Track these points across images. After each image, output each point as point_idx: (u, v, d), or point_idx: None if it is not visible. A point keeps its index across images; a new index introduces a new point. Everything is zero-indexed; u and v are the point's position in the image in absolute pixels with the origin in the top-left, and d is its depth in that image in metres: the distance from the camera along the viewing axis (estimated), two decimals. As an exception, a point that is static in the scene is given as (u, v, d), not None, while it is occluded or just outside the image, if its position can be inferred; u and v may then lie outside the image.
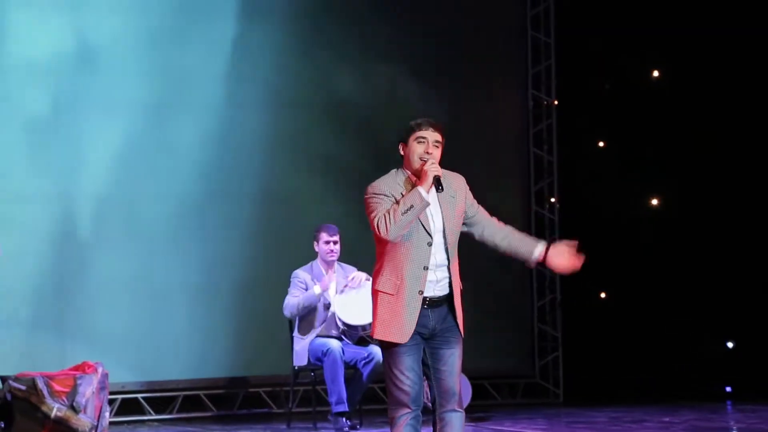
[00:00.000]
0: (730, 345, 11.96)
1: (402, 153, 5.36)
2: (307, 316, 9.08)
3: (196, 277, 10.24)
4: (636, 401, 10.87)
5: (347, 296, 8.95)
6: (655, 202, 11.97)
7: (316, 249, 9.19)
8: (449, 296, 5.30)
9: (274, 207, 10.55)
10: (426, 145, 5.27)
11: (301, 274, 9.15)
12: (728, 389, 11.73)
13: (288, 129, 10.65)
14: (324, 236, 9.13)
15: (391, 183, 5.29)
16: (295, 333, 9.15)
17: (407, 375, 5.20)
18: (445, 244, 5.29)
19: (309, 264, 9.23)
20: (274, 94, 10.61)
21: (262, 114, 10.58)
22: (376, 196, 5.26)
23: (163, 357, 10.12)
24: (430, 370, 5.29)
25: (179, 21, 10.34)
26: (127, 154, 10.09)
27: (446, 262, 5.28)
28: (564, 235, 11.60)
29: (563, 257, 5.53)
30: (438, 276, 5.27)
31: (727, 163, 11.76)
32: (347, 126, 10.85)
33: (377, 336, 5.24)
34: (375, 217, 5.20)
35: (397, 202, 5.19)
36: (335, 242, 9.13)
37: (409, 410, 5.22)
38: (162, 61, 10.26)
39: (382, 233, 5.17)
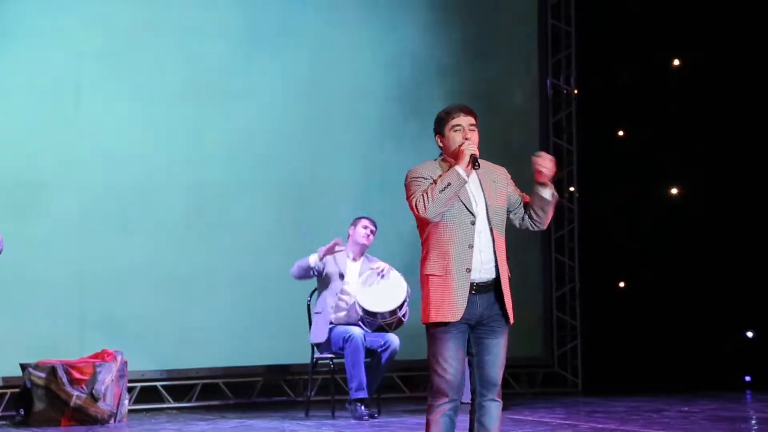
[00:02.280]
0: (749, 335, 11.92)
1: (440, 144, 5.37)
2: (322, 294, 9.12)
3: (216, 265, 10.26)
4: (655, 391, 10.85)
5: (369, 284, 8.97)
6: (674, 191, 11.93)
7: (351, 233, 9.26)
8: (496, 281, 5.28)
9: (299, 196, 10.56)
10: (463, 132, 5.29)
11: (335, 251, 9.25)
12: (748, 379, 11.69)
13: (314, 116, 10.61)
14: (364, 222, 9.30)
15: (429, 167, 5.30)
16: (315, 309, 9.23)
17: (450, 363, 5.18)
18: (490, 224, 5.28)
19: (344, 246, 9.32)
20: (297, 81, 10.61)
21: (289, 101, 10.54)
22: (415, 179, 5.26)
23: (182, 345, 10.14)
24: (473, 358, 5.28)
25: (204, 8, 10.32)
26: (150, 141, 10.11)
27: (491, 244, 5.27)
28: (583, 225, 11.65)
29: (538, 170, 5.37)
30: (483, 258, 5.24)
31: (748, 153, 11.71)
32: (367, 115, 10.85)
33: (431, 319, 5.20)
34: (413, 198, 5.20)
35: (435, 183, 5.20)
36: (372, 231, 9.25)
37: (447, 399, 5.20)
38: (186, 48, 10.24)
39: (421, 212, 5.17)
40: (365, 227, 9.26)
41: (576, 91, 11.72)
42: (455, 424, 5.26)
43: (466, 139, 5.27)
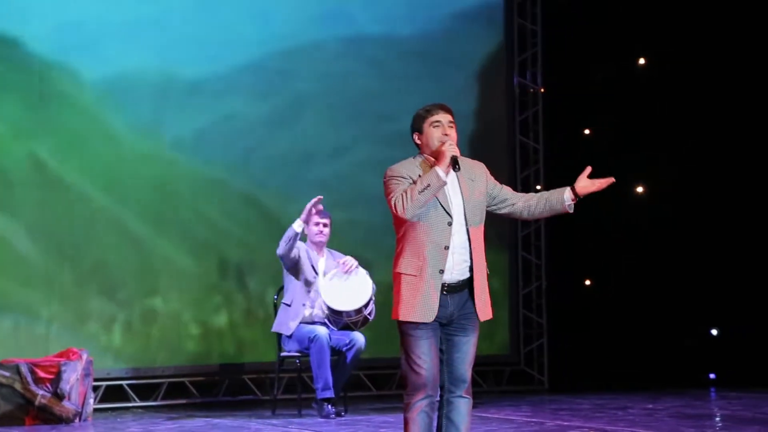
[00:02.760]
0: (714, 332, 11.99)
1: (418, 142, 5.40)
2: (293, 284, 9.09)
3: (182, 263, 10.19)
4: (620, 388, 10.90)
5: (334, 282, 8.95)
6: (640, 190, 11.98)
7: (306, 231, 9.20)
8: (469, 281, 5.31)
9: (269, 198, 10.46)
10: (442, 128, 5.34)
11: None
12: (712, 376, 11.76)
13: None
14: (314, 218, 9.15)
15: (409, 166, 5.33)
16: (284, 299, 9.17)
17: (424, 359, 5.21)
18: (467, 224, 5.31)
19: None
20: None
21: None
22: (394, 178, 5.29)
23: (148, 344, 10.10)
24: (443, 355, 5.30)
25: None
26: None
27: (467, 244, 5.30)
28: (549, 223, 11.68)
29: (590, 183, 5.65)
30: (457, 259, 5.27)
31: (713, 152, 11.77)
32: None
33: (401, 317, 5.22)
34: (393, 197, 5.23)
35: (415, 183, 5.22)
36: (325, 225, 9.17)
37: (424, 395, 5.22)
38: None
39: (399, 212, 5.20)
40: (316, 224, 9.18)
41: (542, 90, 11.75)
42: (433, 421, 5.27)
43: (446, 135, 5.32)
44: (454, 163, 5.25)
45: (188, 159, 9.70)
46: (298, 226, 9.00)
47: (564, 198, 5.59)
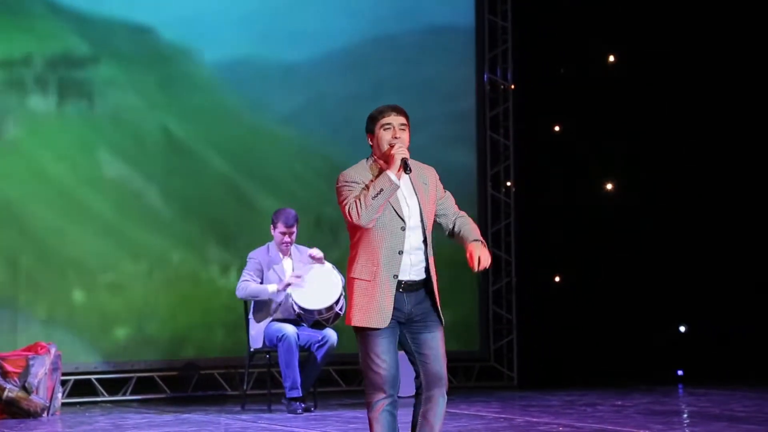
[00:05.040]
0: (682, 329, 12.06)
1: (371, 143, 5.36)
2: (263, 301, 9.06)
3: (149, 258, 10.17)
4: (589, 385, 10.94)
5: (303, 281, 8.92)
6: (609, 186, 12.02)
7: (272, 233, 9.17)
8: (427, 281, 5.30)
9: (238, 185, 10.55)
10: (393, 131, 5.28)
11: (257, 255, 9.13)
12: (680, 373, 11.82)
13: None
14: (281, 226, 9.09)
15: (361, 171, 5.28)
16: (251, 316, 9.15)
17: (383, 359, 5.18)
18: (423, 227, 5.30)
19: (265, 246, 9.23)
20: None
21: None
22: (347, 184, 5.24)
23: (117, 338, 10.06)
24: (414, 356, 5.28)
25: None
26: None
27: (423, 246, 5.28)
28: (519, 219, 11.71)
29: (471, 252, 5.45)
30: (413, 260, 5.26)
31: (683, 149, 11.83)
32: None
33: (355, 323, 5.19)
34: (346, 204, 5.18)
35: (367, 188, 5.18)
36: (291, 233, 9.10)
37: (385, 395, 5.19)
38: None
39: (354, 219, 5.15)
40: (282, 233, 9.10)
41: (513, 86, 11.77)
42: (396, 419, 5.25)
43: (396, 138, 5.27)
44: (405, 166, 5.21)
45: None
46: (273, 292, 8.96)
47: (466, 245, 5.46)
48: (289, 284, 8.92)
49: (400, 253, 5.22)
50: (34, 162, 9.66)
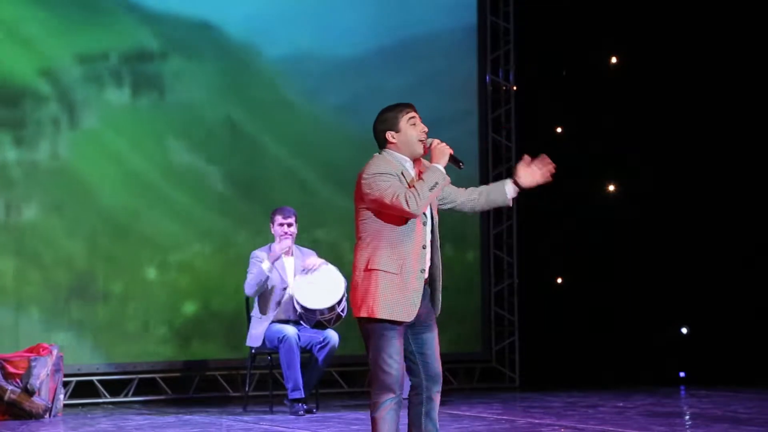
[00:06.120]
0: (684, 331, 12.05)
1: (392, 140, 5.38)
2: (264, 297, 9.09)
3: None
4: (591, 386, 10.93)
5: (305, 280, 8.94)
6: (612, 188, 12.02)
7: (272, 232, 9.21)
8: (430, 278, 5.37)
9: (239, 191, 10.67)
10: (420, 125, 5.39)
11: (259, 254, 9.17)
12: (682, 374, 11.82)
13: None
14: (278, 219, 9.16)
15: (386, 164, 5.32)
16: (254, 313, 9.16)
17: (395, 359, 5.21)
18: (433, 224, 5.36)
19: (267, 245, 9.26)
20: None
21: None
22: (382, 175, 5.26)
23: (119, 340, 10.07)
24: (414, 355, 5.32)
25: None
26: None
27: (435, 243, 5.37)
28: (521, 221, 11.71)
29: (533, 174, 5.66)
30: (428, 257, 5.33)
31: (685, 151, 11.82)
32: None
33: (381, 315, 5.19)
34: (393, 194, 5.19)
35: (404, 180, 5.24)
36: (290, 224, 9.16)
37: (393, 395, 5.22)
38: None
39: (412, 209, 5.16)
40: (281, 225, 9.16)
41: (515, 88, 11.77)
42: (399, 419, 5.28)
43: (425, 132, 5.37)
44: (456, 160, 5.34)
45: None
46: (267, 268, 9.01)
47: (506, 191, 5.61)
48: (276, 257, 8.98)
49: (424, 247, 5.28)
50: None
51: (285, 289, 9.05)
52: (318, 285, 8.91)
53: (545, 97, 11.85)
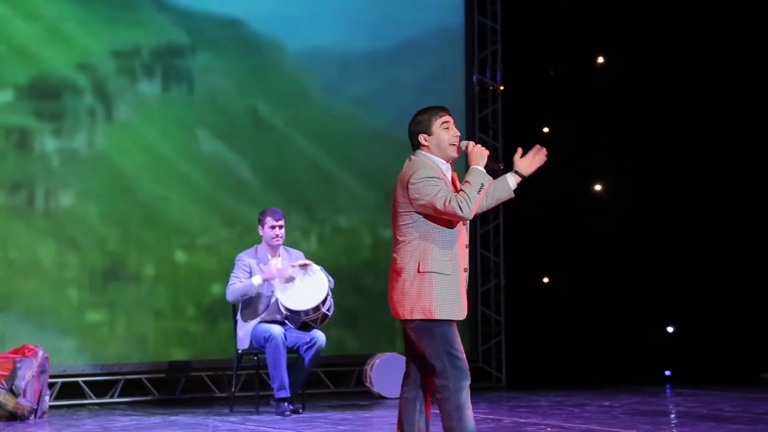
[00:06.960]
0: (670, 330, 12.08)
1: (425, 143, 5.49)
2: (250, 300, 9.07)
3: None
4: (577, 385, 10.95)
5: (290, 282, 8.92)
6: (598, 188, 12.04)
7: (261, 233, 9.18)
8: None
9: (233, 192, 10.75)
10: (453, 129, 5.51)
11: (245, 258, 9.13)
12: (667, 373, 11.84)
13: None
14: (269, 221, 9.11)
15: (428, 167, 5.42)
16: (239, 317, 9.15)
17: (461, 350, 5.38)
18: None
19: (254, 247, 9.23)
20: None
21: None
22: (431, 179, 5.35)
23: (104, 340, 10.06)
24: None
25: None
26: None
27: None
28: (508, 221, 11.72)
29: (530, 161, 5.73)
30: (467, 256, 5.54)
31: (672, 151, 11.85)
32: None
33: (441, 316, 5.31)
34: (445, 199, 5.29)
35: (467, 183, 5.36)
36: (280, 226, 9.12)
37: (469, 381, 5.39)
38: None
39: (465, 213, 5.28)
40: (272, 227, 9.14)
41: (502, 88, 11.78)
42: None
43: (457, 135, 5.50)
44: (495, 161, 5.50)
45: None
46: (258, 285, 8.99)
47: (510, 185, 5.70)
48: (271, 277, 8.92)
49: (467, 246, 5.47)
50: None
51: (272, 293, 9.02)
52: (301, 286, 8.90)
53: (532, 97, 11.86)
